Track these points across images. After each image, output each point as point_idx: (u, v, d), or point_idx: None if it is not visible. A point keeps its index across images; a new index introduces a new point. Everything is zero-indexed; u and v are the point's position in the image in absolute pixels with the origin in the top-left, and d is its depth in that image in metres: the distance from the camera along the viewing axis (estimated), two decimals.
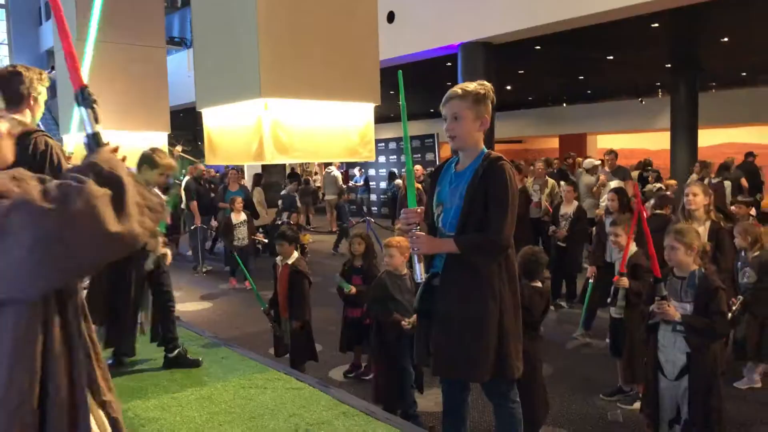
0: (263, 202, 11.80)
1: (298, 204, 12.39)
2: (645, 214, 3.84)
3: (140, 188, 1.57)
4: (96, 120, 1.63)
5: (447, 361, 2.76)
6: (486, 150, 2.80)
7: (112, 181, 1.49)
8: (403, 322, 4.20)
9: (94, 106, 1.60)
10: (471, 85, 2.76)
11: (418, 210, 2.74)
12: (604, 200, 7.33)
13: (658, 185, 9.46)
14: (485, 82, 2.80)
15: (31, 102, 3.09)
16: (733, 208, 6.41)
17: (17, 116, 3.13)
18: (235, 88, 4.21)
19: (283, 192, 12.11)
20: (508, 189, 2.65)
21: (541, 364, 3.86)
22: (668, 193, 7.70)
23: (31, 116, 3.08)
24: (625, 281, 4.16)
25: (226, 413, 3.67)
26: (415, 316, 4.08)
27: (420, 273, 2.71)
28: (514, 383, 2.85)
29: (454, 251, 2.68)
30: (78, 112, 1.55)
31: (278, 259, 5.02)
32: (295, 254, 5.00)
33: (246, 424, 3.51)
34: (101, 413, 1.74)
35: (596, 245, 6.09)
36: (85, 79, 1.72)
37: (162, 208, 1.63)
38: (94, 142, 1.60)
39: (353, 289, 4.93)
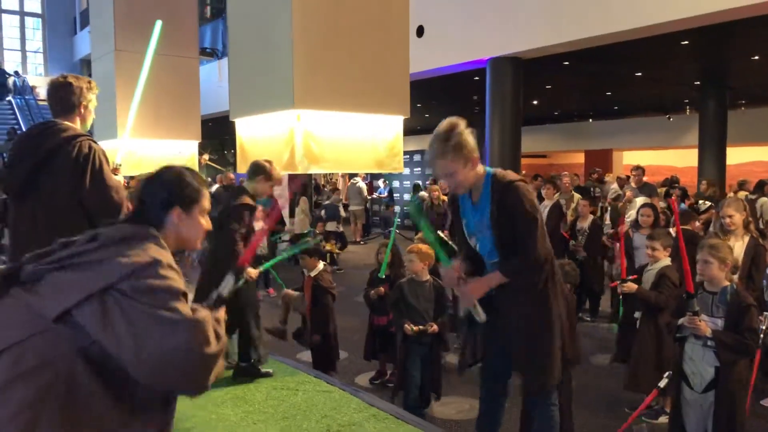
0: (307, 211, 11.91)
1: (342, 214, 12.50)
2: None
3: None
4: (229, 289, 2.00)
5: (528, 362, 2.84)
6: (490, 172, 2.83)
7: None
8: (406, 326, 4.36)
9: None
10: (449, 139, 2.70)
11: (455, 265, 2.84)
12: (630, 215, 7.31)
13: (708, 203, 9.40)
14: (454, 122, 2.73)
15: (82, 110, 3.19)
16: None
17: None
18: (268, 99, 4.31)
19: (326, 202, 12.22)
20: (526, 208, 2.71)
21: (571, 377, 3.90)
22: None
23: (81, 124, 3.17)
24: (631, 285, 4.29)
25: (259, 413, 3.78)
26: (417, 327, 4.38)
27: (481, 314, 2.82)
28: (555, 386, 2.92)
29: (503, 281, 2.78)
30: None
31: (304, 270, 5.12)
32: (320, 266, 5.07)
33: (280, 423, 3.62)
34: None
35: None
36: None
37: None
38: (219, 302, 1.92)
39: (381, 290, 5.01)
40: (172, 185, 1.84)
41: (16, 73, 25.45)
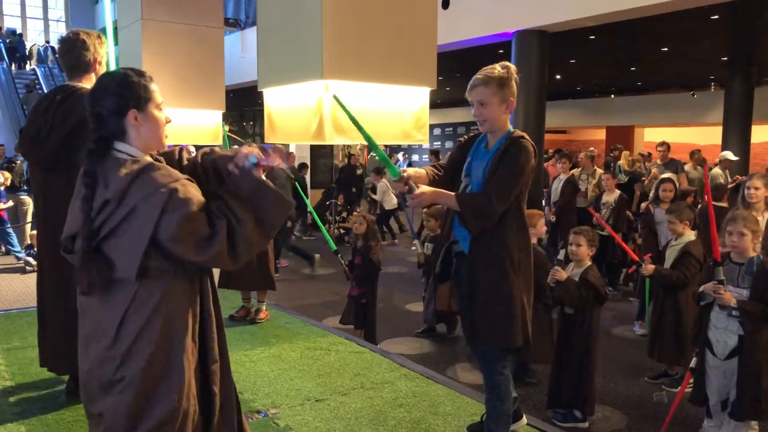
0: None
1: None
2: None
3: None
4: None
5: (481, 329, 2.78)
6: (512, 129, 2.88)
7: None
8: None
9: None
10: (495, 70, 2.81)
11: (403, 174, 2.75)
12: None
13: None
14: (509, 64, 2.85)
15: (96, 66, 3.17)
16: None
17: (84, 82, 3.18)
18: (297, 70, 4.32)
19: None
20: (518, 159, 2.70)
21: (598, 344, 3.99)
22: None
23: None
24: (649, 267, 4.36)
25: (295, 370, 3.95)
26: None
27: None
28: (507, 354, 2.86)
29: (453, 205, 2.74)
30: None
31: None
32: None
33: (315, 380, 3.78)
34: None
35: (646, 236, 6.09)
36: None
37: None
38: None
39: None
40: (120, 89, 1.88)
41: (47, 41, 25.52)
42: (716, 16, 9.14)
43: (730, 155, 9.21)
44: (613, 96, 22.28)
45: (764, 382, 3.11)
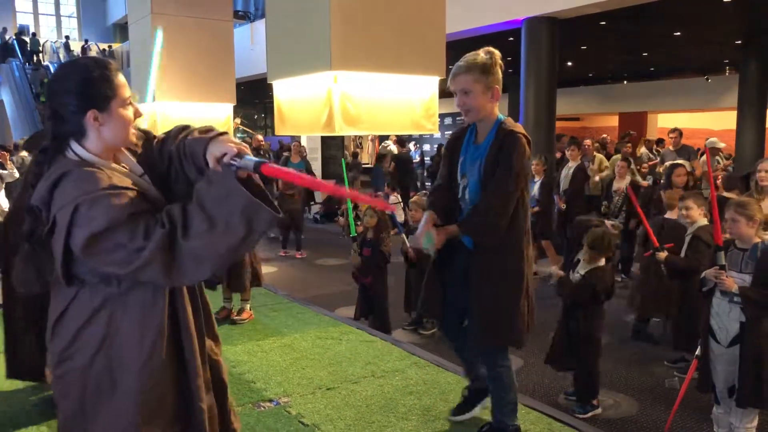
0: None
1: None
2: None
3: None
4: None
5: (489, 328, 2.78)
6: (502, 118, 2.78)
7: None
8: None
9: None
10: (478, 57, 2.70)
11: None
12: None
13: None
14: (492, 50, 2.74)
15: None
16: None
17: None
18: (306, 61, 4.34)
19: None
20: (513, 158, 2.65)
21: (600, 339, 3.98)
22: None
23: None
24: (661, 255, 4.33)
25: (307, 359, 4.00)
26: None
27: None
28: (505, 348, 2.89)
29: (456, 235, 2.75)
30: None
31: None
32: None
33: (327, 369, 3.83)
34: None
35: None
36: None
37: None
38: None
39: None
40: (78, 88, 1.67)
41: (67, 37, 25.68)
42: None
43: (717, 142, 9.11)
44: (625, 82, 22.08)
45: (766, 370, 3.09)
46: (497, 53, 2.73)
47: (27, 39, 23.55)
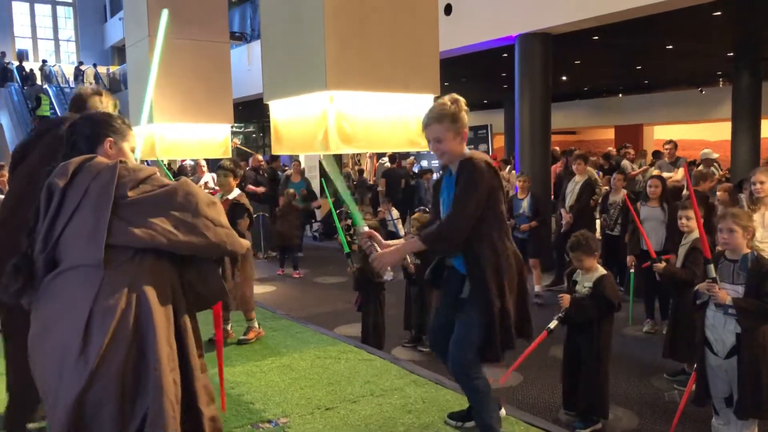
0: None
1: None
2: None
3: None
4: None
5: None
6: (467, 153, 2.99)
7: None
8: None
9: None
10: (446, 107, 2.97)
11: (365, 229, 3.01)
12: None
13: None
14: (457, 97, 3.01)
15: None
16: None
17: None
18: (302, 82, 4.38)
19: None
20: (472, 178, 2.83)
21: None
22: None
23: None
24: (658, 266, 4.38)
25: (305, 379, 4.01)
26: None
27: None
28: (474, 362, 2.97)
29: (420, 247, 2.93)
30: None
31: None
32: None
33: (326, 388, 3.84)
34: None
35: (632, 234, 6.09)
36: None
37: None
38: None
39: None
40: (102, 121, 2.14)
41: (44, 62, 25.79)
42: (718, 13, 9.12)
43: (711, 153, 9.15)
44: (620, 95, 22.20)
45: (764, 380, 3.10)
46: (462, 100, 3.00)
47: (27, 67, 23.65)
